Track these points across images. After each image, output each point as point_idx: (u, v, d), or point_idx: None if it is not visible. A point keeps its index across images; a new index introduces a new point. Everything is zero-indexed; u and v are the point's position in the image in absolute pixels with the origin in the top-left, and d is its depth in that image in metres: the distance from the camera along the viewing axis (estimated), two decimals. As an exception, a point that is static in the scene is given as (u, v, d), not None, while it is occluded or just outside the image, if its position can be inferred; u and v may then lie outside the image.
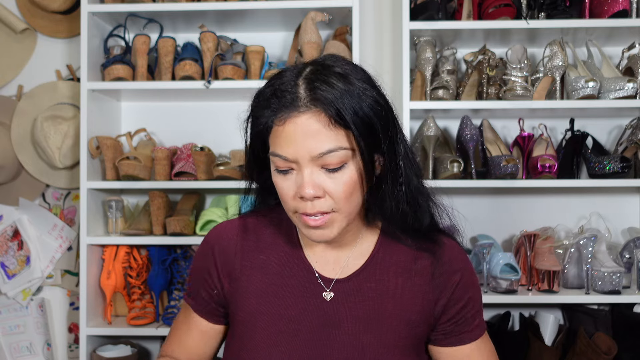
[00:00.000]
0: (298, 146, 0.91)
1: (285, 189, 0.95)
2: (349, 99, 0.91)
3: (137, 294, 2.04)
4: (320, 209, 0.93)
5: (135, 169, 1.97)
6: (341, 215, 0.96)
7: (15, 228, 2.23)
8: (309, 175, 0.92)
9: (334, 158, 0.91)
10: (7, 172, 2.19)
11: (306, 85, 0.93)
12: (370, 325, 1.02)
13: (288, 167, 0.94)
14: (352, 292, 1.03)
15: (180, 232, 1.95)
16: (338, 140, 0.91)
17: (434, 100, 1.98)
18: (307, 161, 0.92)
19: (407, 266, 1.05)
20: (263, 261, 1.06)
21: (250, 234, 1.08)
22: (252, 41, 2.11)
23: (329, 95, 0.91)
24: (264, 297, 1.04)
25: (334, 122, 0.91)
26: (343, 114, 0.91)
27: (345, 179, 0.93)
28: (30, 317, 2.22)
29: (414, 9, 1.96)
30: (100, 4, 2.02)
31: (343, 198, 0.94)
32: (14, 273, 2.21)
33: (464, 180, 1.95)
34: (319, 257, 1.06)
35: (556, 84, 1.97)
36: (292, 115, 0.91)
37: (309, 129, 0.91)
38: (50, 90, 2.21)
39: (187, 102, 2.22)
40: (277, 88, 0.94)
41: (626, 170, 1.92)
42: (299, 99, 0.92)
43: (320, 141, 0.91)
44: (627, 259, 1.99)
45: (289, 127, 0.92)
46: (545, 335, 1.91)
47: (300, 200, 0.94)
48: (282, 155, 0.93)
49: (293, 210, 0.97)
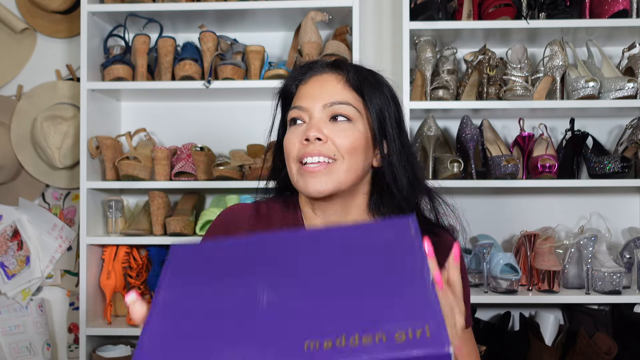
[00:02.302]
0: (314, 96, 1.03)
1: (291, 138, 1.03)
2: (371, 79, 1.05)
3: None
4: (321, 151, 0.99)
5: (135, 169, 1.97)
6: (342, 168, 1.00)
7: (15, 228, 2.22)
8: (317, 120, 1.01)
9: (342, 109, 1.02)
10: (7, 172, 2.19)
11: (334, 61, 1.09)
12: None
13: (300, 117, 1.03)
14: None
15: (180, 232, 1.95)
16: (350, 98, 1.03)
17: (434, 100, 1.98)
18: (318, 110, 1.02)
19: None
20: None
21: (262, 218, 1.11)
22: (252, 41, 2.11)
23: (351, 66, 1.06)
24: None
25: (350, 85, 1.03)
26: (360, 81, 1.03)
27: (350, 133, 1.01)
28: (30, 317, 2.21)
29: (414, 8, 1.96)
30: (100, 4, 2.02)
31: (345, 148, 1.00)
32: (13, 273, 2.21)
33: (464, 180, 1.95)
34: None
35: (556, 84, 1.97)
36: (315, 74, 1.06)
37: (327, 83, 1.04)
38: (50, 90, 2.21)
39: (187, 102, 2.22)
40: (308, 62, 1.10)
41: (626, 170, 1.92)
42: (324, 66, 1.07)
43: (334, 93, 1.03)
44: (627, 259, 1.99)
45: (310, 82, 1.05)
46: (545, 335, 1.91)
47: (304, 145, 1.00)
48: (298, 105, 1.03)
49: (296, 159, 1.02)
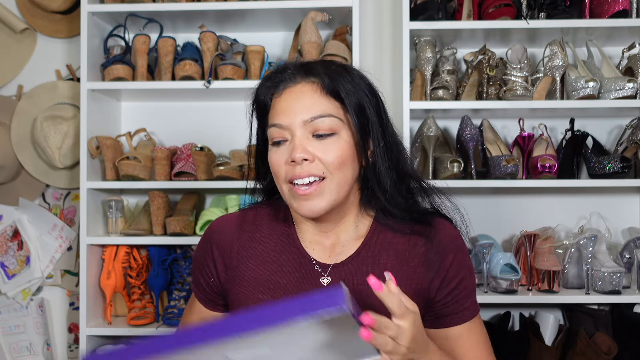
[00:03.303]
0: (291, 112, 0.99)
1: (277, 159, 1.01)
2: (345, 76, 1.01)
3: (137, 294, 2.04)
4: (309, 171, 0.97)
5: (135, 169, 1.97)
6: (332, 184, 0.98)
7: (15, 228, 2.23)
8: (300, 139, 0.98)
9: (324, 124, 0.98)
10: (7, 172, 2.19)
11: (304, 65, 1.03)
12: (367, 309, 1.02)
13: (282, 137, 1.00)
14: (347, 277, 1.04)
15: (180, 232, 1.95)
16: (329, 108, 0.99)
17: (434, 100, 1.98)
18: (299, 126, 0.98)
19: (401, 249, 1.06)
20: (260, 251, 1.09)
21: (248, 225, 1.11)
22: (252, 41, 2.11)
23: (323, 69, 1.01)
24: (261, 285, 1.06)
25: (326, 91, 0.99)
26: (335, 84, 0.99)
27: (336, 147, 0.99)
28: (30, 317, 2.21)
29: (414, 9, 1.96)
30: (100, 4, 2.02)
31: (333, 165, 0.98)
32: (13, 273, 2.21)
33: (464, 180, 1.95)
34: (316, 244, 1.08)
35: (556, 84, 1.97)
36: (289, 86, 1.01)
37: (302, 95, 1.00)
38: (50, 90, 2.21)
39: (187, 102, 2.22)
40: (278, 69, 1.05)
41: (626, 170, 1.92)
42: (296, 74, 1.02)
43: (311, 106, 0.99)
44: (627, 259, 1.99)
45: (285, 96, 1.01)
46: (545, 335, 1.91)
47: (292, 167, 0.98)
48: (277, 124, 1.00)
49: (285, 180, 1.00)
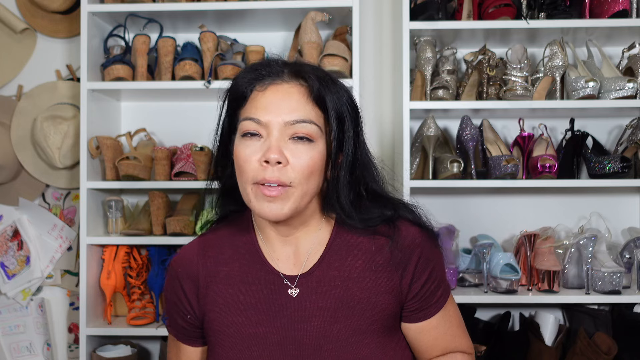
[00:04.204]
0: (274, 111, 0.96)
1: (247, 155, 0.97)
2: (331, 86, 1.00)
3: (137, 294, 2.04)
4: (279, 178, 0.95)
5: (135, 169, 1.97)
6: (297, 193, 0.97)
7: (15, 228, 2.23)
8: (277, 140, 0.96)
9: (304, 129, 0.97)
10: (7, 172, 2.19)
11: (293, 65, 1.02)
12: (338, 314, 1.02)
13: (257, 130, 0.96)
14: (316, 284, 1.03)
15: (180, 232, 1.95)
16: (312, 115, 0.98)
17: (434, 100, 1.98)
18: (279, 127, 0.96)
19: (365, 248, 1.05)
20: (226, 273, 1.07)
21: (210, 249, 1.09)
22: (252, 41, 2.11)
23: (313, 74, 0.99)
24: (231, 307, 1.05)
25: (313, 98, 0.98)
26: (323, 92, 0.98)
27: (310, 156, 0.97)
28: (30, 317, 2.21)
29: (414, 9, 1.96)
30: (100, 4, 2.02)
31: (302, 173, 0.96)
32: (13, 273, 2.21)
33: (464, 180, 1.95)
34: (280, 255, 1.07)
35: (556, 84, 1.97)
36: (276, 82, 0.99)
37: (289, 96, 0.97)
38: (50, 90, 2.21)
39: (187, 102, 2.22)
40: (263, 62, 1.02)
41: (626, 170, 1.92)
42: (285, 72, 1.00)
43: (296, 109, 0.97)
44: (627, 259, 1.99)
45: (269, 93, 0.98)
46: (545, 335, 1.91)
47: (261, 168, 0.95)
48: (255, 118, 0.97)
49: (251, 180, 0.97)
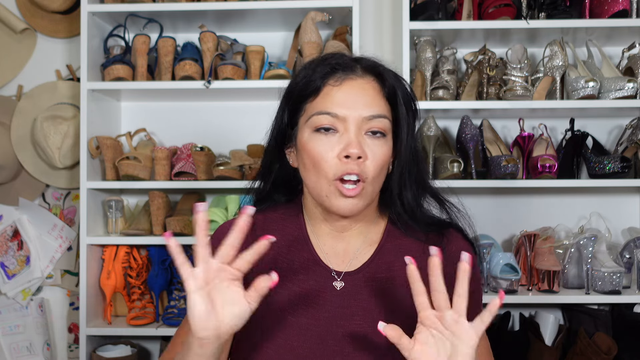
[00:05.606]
0: (352, 106, 0.97)
1: (324, 150, 0.96)
2: (400, 83, 1.03)
3: (137, 294, 2.04)
4: (362, 171, 0.95)
5: (135, 169, 1.97)
6: (370, 188, 0.98)
7: (15, 228, 2.23)
8: (356, 135, 0.96)
9: (380, 123, 0.98)
10: (7, 172, 2.19)
11: (363, 60, 1.02)
12: (381, 318, 1.00)
13: (332, 125, 0.97)
14: (362, 284, 1.03)
15: (180, 232, 1.95)
16: (385, 110, 1.00)
17: (434, 100, 1.98)
18: (357, 122, 0.97)
19: (416, 256, 1.02)
20: (273, 256, 1.05)
21: (258, 231, 1.06)
22: (252, 41, 2.11)
23: (386, 70, 1.02)
24: (274, 290, 1.00)
25: (385, 92, 1.00)
26: (395, 88, 1.01)
27: (383, 151, 0.98)
28: (30, 317, 2.21)
29: (414, 9, 1.96)
30: (100, 4, 2.02)
31: (376, 168, 0.97)
32: (13, 273, 2.21)
33: (464, 180, 1.95)
34: (329, 249, 1.06)
35: (556, 84, 1.97)
36: (350, 77, 0.99)
37: (366, 92, 0.98)
38: (50, 90, 2.21)
39: (187, 102, 2.22)
40: (334, 55, 1.02)
41: (626, 170, 1.92)
42: (358, 67, 1.00)
43: (373, 105, 0.98)
44: (627, 259, 1.99)
45: (345, 87, 0.98)
46: (545, 335, 1.91)
47: (341, 163, 0.95)
48: (332, 112, 0.97)
49: (332, 177, 0.96)
